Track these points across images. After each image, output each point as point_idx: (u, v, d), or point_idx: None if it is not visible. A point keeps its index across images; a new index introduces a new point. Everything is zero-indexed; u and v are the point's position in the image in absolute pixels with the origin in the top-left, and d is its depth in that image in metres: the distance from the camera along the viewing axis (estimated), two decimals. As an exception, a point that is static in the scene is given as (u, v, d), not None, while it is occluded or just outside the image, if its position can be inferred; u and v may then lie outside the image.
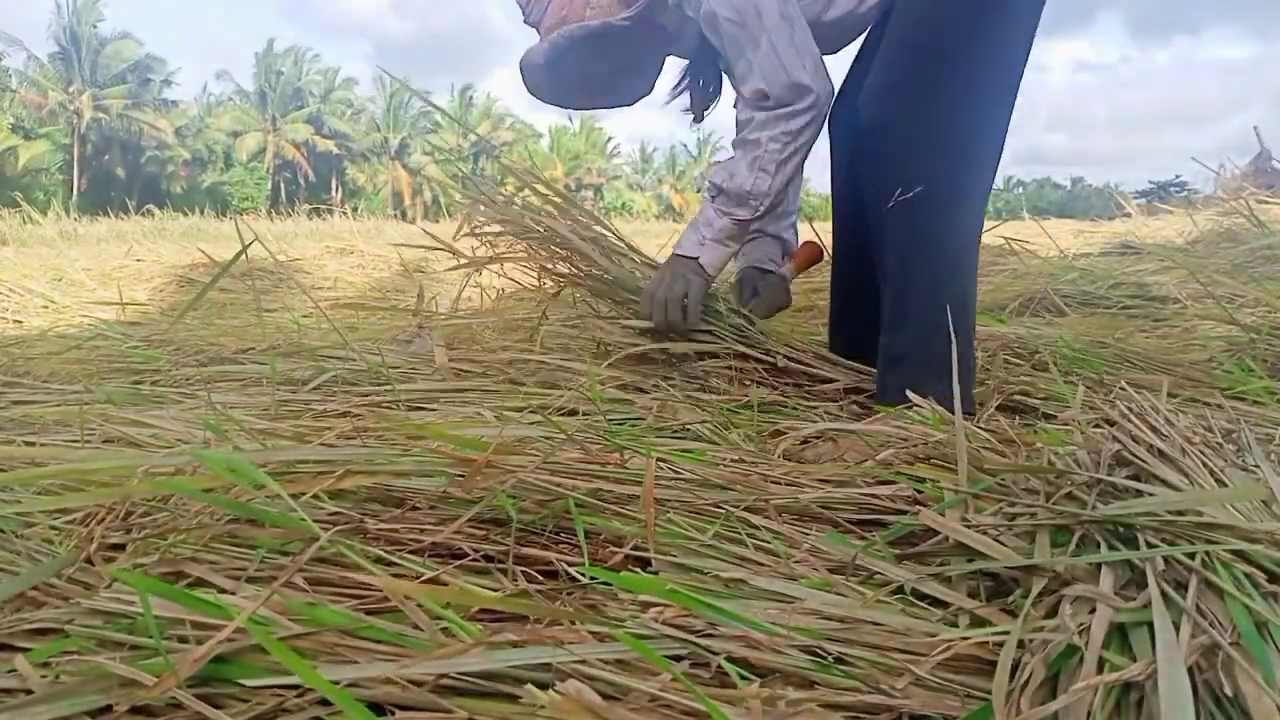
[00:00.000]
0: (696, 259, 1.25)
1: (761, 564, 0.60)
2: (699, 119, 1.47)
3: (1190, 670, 0.41)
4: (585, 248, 1.35)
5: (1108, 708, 0.41)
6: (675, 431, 1.02)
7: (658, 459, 0.77)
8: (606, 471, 0.73)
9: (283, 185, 37.43)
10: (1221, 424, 0.70)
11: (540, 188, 1.45)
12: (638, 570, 0.61)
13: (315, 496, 0.65)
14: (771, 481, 0.76)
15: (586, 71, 1.30)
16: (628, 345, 1.31)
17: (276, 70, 37.71)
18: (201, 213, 13.56)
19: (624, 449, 0.77)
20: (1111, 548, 0.51)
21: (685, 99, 1.46)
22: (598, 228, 1.40)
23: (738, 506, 0.69)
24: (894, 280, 1.12)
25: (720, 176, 1.24)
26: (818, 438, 0.94)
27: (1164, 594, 0.45)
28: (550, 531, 0.68)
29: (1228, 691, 0.41)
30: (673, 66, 1.47)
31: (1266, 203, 3.16)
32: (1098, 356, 1.27)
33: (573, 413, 1.04)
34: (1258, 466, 0.61)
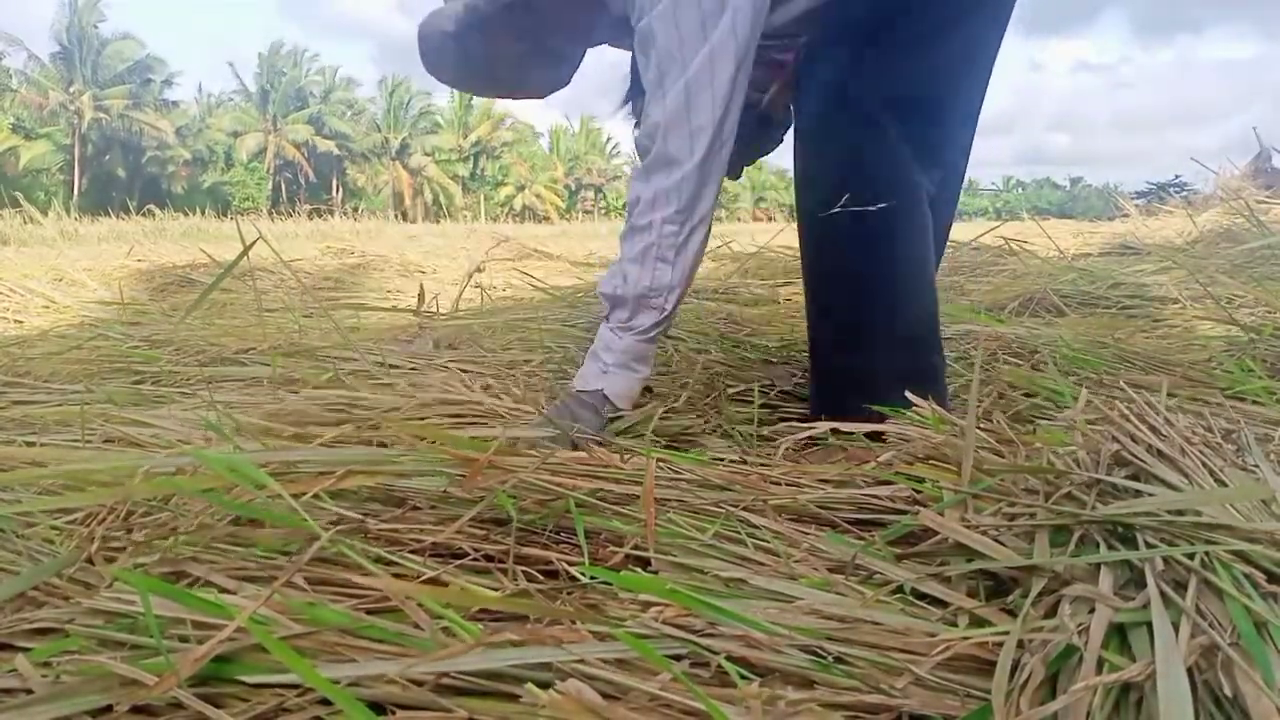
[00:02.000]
0: (600, 390, 1.03)
1: (761, 564, 0.60)
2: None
3: (1190, 670, 0.41)
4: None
5: (1107, 708, 0.41)
6: (674, 435, 1.02)
7: (657, 459, 0.77)
8: (607, 472, 0.73)
9: (283, 185, 37.45)
10: (1221, 424, 0.70)
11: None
12: (638, 570, 0.62)
13: (316, 496, 0.65)
14: (771, 482, 0.76)
15: (497, 50, 1.09)
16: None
17: (278, 70, 37.72)
18: (202, 213, 13.58)
19: (624, 450, 0.77)
20: (1111, 548, 0.51)
21: (632, 107, 1.24)
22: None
23: (736, 506, 0.69)
24: (843, 307, 1.03)
25: (610, 285, 1.03)
26: (818, 440, 0.94)
27: (1163, 594, 0.45)
28: (550, 531, 0.68)
29: (1227, 692, 0.41)
30: (607, 65, 1.26)
31: (1266, 203, 3.16)
32: (1098, 356, 1.27)
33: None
34: (1257, 466, 0.61)
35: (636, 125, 1.19)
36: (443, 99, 43.48)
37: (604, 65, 1.27)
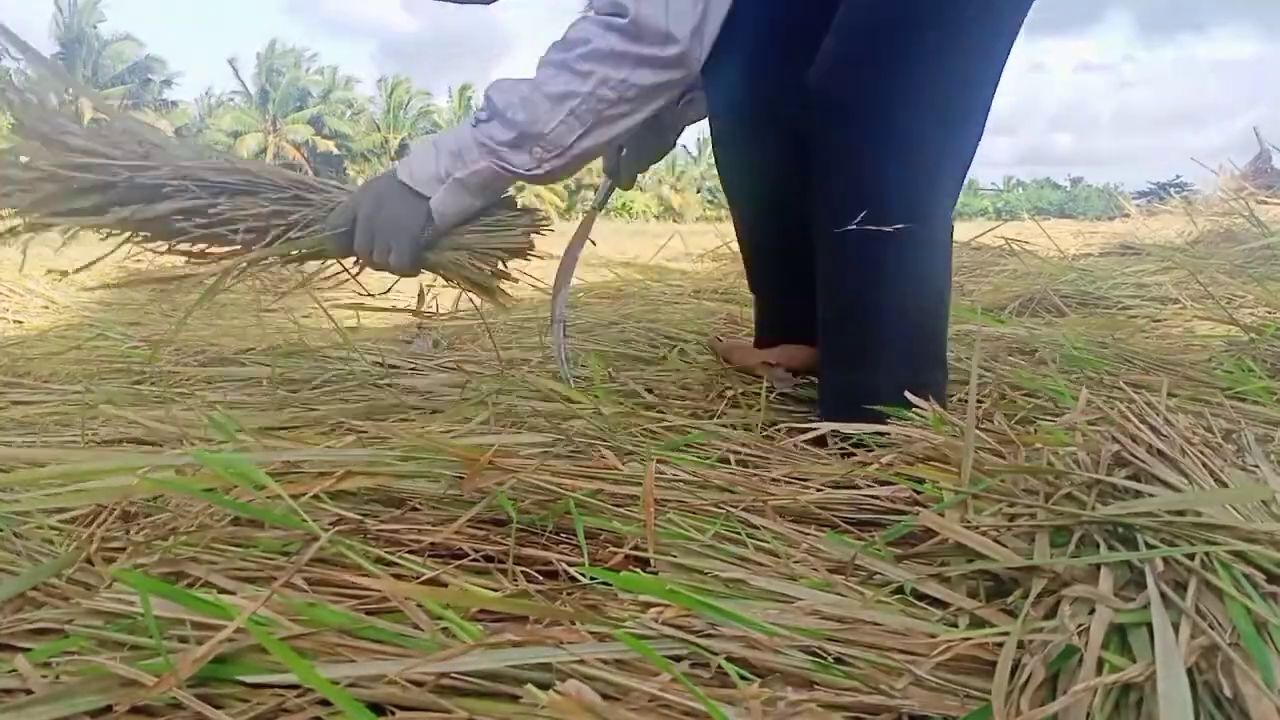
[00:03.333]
0: (427, 200, 0.88)
1: (761, 564, 0.60)
2: None
3: (1190, 671, 0.41)
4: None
5: (1107, 708, 0.41)
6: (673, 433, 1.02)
7: (656, 460, 0.77)
8: (606, 474, 0.73)
9: (283, 185, 37.36)
10: (1221, 424, 0.70)
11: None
12: (638, 571, 0.61)
13: (316, 497, 0.65)
14: (770, 480, 0.76)
15: None
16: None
17: (276, 70, 37.71)
18: (202, 213, 13.52)
19: (624, 451, 0.77)
20: (1111, 549, 0.51)
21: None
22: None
23: (736, 507, 0.69)
24: (851, 311, 0.90)
25: (505, 97, 0.86)
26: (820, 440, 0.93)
27: (1163, 595, 0.45)
28: (550, 532, 0.68)
29: (1227, 692, 0.41)
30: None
31: (1266, 203, 3.16)
32: (1098, 356, 1.27)
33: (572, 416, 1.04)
34: (1257, 467, 0.61)
35: None
36: (443, 99, 43.49)
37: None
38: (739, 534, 0.65)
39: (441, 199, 0.88)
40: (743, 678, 0.46)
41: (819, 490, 0.74)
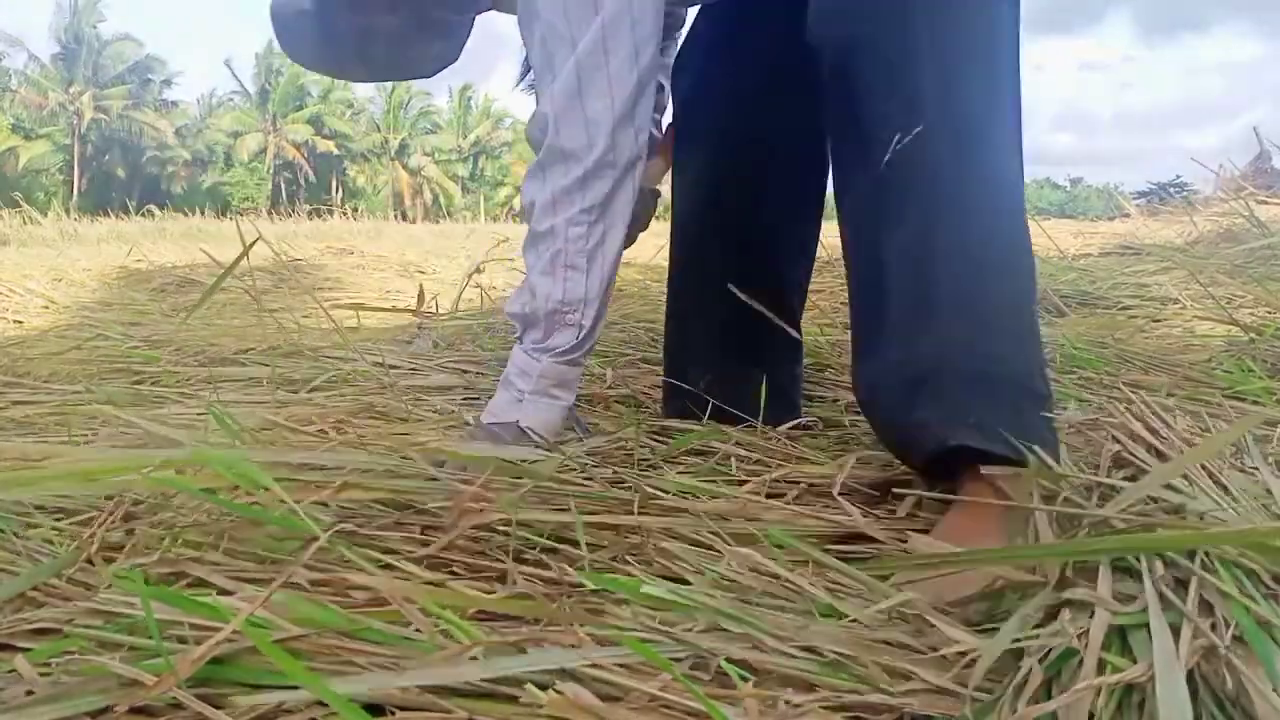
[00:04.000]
0: (515, 422, 0.87)
1: (763, 575, 0.60)
2: None
3: (1192, 672, 0.41)
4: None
5: (1110, 709, 0.41)
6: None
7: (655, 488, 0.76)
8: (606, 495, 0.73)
9: (283, 185, 37.46)
10: (1220, 425, 0.70)
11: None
12: (636, 574, 0.61)
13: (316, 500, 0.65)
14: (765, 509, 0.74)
15: (369, 24, 0.90)
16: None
17: (275, 70, 37.72)
18: (202, 213, 13.57)
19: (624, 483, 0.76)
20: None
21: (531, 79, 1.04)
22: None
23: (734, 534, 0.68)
24: (902, 265, 0.73)
25: (518, 304, 0.89)
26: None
27: (1163, 596, 0.45)
28: (549, 536, 0.68)
29: (1230, 691, 0.41)
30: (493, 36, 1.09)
31: (1266, 203, 3.16)
32: (1098, 356, 1.27)
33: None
34: (1256, 468, 0.61)
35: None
36: (442, 99, 43.52)
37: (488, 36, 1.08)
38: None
39: (528, 415, 0.88)
40: (743, 678, 0.46)
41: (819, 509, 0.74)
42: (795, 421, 0.99)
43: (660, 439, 0.98)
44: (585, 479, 0.75)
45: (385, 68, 0.99)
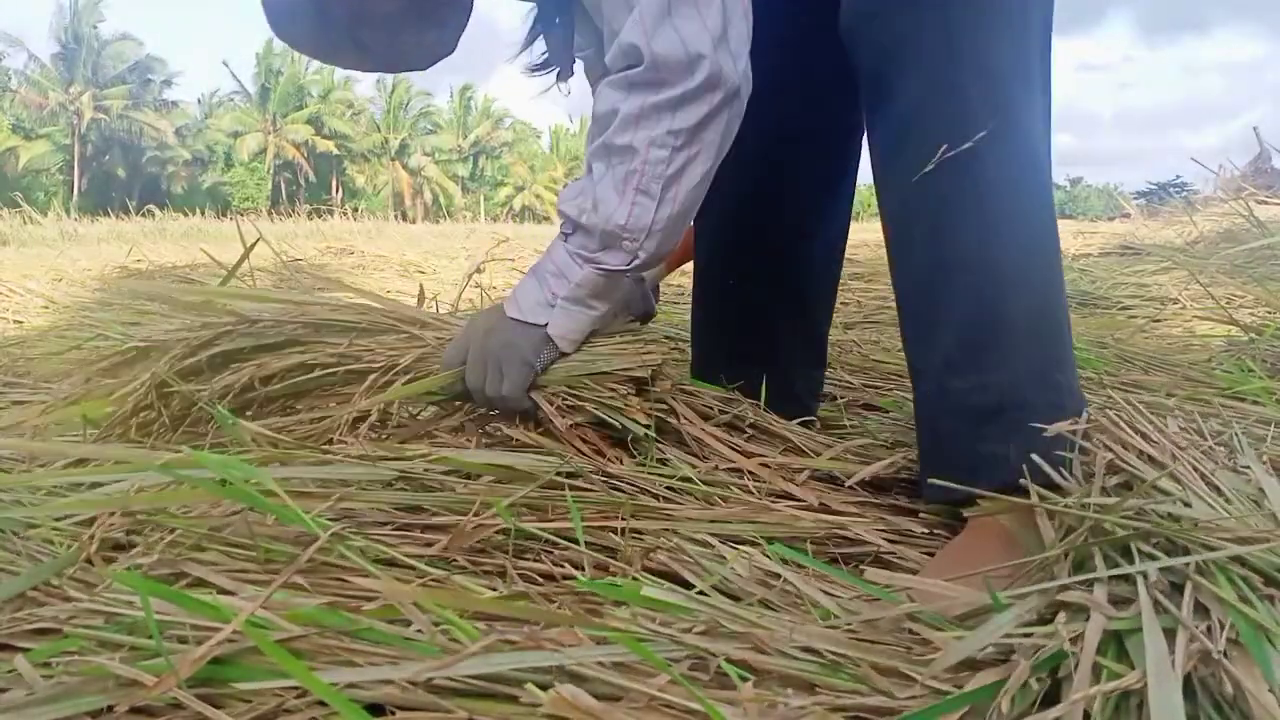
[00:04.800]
0: (543, 326, 0.82)
1: (761, 582, 0.60)
2: (566, 75, 0.99)
3: (1189, 675, 0.41)
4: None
5: (1107, 712, 0.41)
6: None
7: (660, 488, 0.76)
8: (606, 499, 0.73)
9: (283, 185, 37.48)
10: (1214, 426, 0.70)
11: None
12: (637, 577, 0.61)
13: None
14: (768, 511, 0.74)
15: (363, 10, 0.85)
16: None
17: (275, 70, 37.74)
18: (202, 213, 13.58)
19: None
20: (1105, 555, 0.51)
21: (537, 56, 1.01)
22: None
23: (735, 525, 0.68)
24: (962, 284, 0.71)
25: (574, 205, 0.81)
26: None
27: (1158, 602, 0.45)
28: (549, 539, 0.68)
29: (1228, 692, 0.41)
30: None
31: (1266, 203, 3.16)
32: (1098, 356, 1.27)
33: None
34: (1249, 468, 0.61)
35: (542, 70, 1.00)
36: (442, 99, 43.52)
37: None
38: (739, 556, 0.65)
39: (558, 322, 0.82)
40: (742, 678, 0.46)
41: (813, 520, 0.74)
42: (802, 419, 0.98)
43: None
44: (587, 484, 0.75)
45: (380, 56, 0.92)
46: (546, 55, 1.00)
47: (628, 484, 0.76)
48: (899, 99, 0.74)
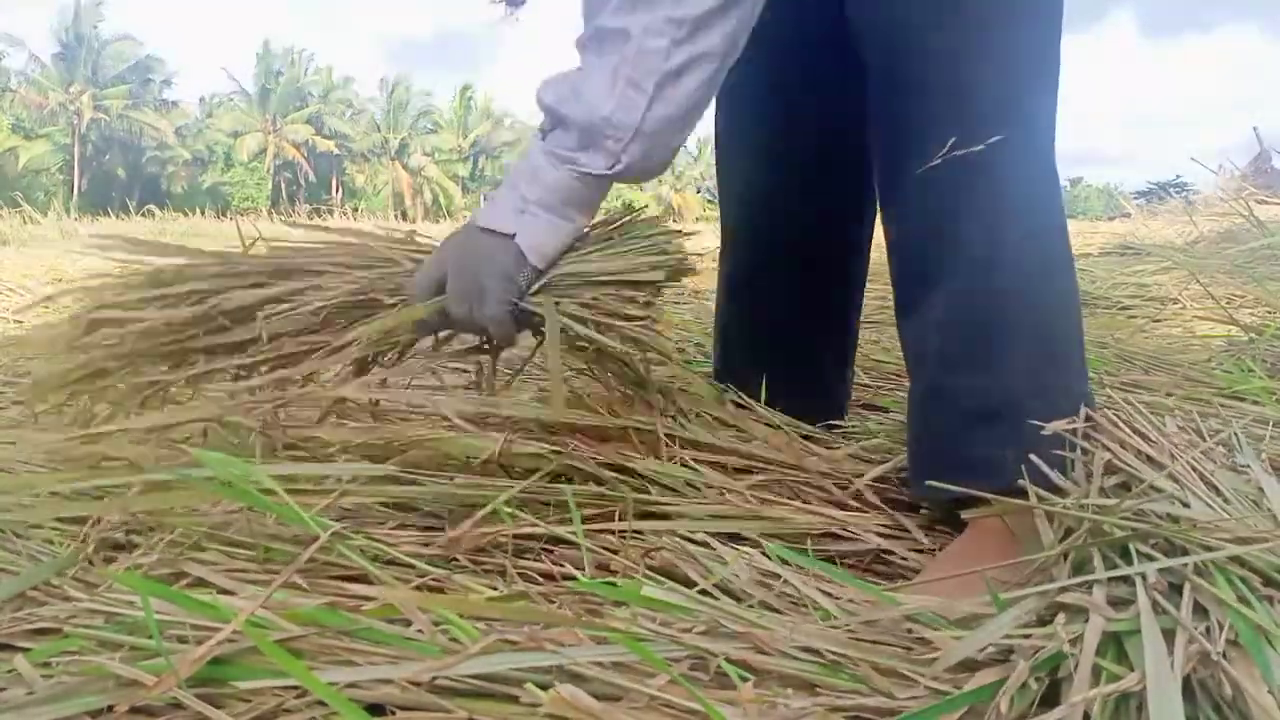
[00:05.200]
0: (511, 236, 0.73)
1: (761, 582, 0.60)
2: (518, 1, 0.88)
3: (1188, 677, 0.41)
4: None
5: (1107, 713, 0.41)
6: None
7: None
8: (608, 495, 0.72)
9: (283, 185, 37.47)
10: (1212, 425, 0.70)
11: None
12: (637, 577, 0.61)
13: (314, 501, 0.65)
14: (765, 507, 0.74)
15: None
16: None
17: (273, 71, 37.75)
18: (202, 213, 13.58)
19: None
20: (1104, 556, 0.51)
21: None
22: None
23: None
24: (965, 288, 0.70)
25: (553, 94, 0.72)
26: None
27: (1157, 603, 0.45)
28: (549, 539, 0.68)
29: (1227, 694, 0.41)
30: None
31: (1266, 203, 3.16)
32: (1098, 356, 1.27)
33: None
34: (1248, 467, 0.61)
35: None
36: (442, 99, 43.54)
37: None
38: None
39: (529, 231, 0.72)
40: (742, 678, 0.46)
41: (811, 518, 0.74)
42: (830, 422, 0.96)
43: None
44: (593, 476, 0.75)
45: None
46: None
47: (631, 478, 0.75)
48: (906, 92, 0.72)
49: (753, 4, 0.70)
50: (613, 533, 0.68)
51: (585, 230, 0.77)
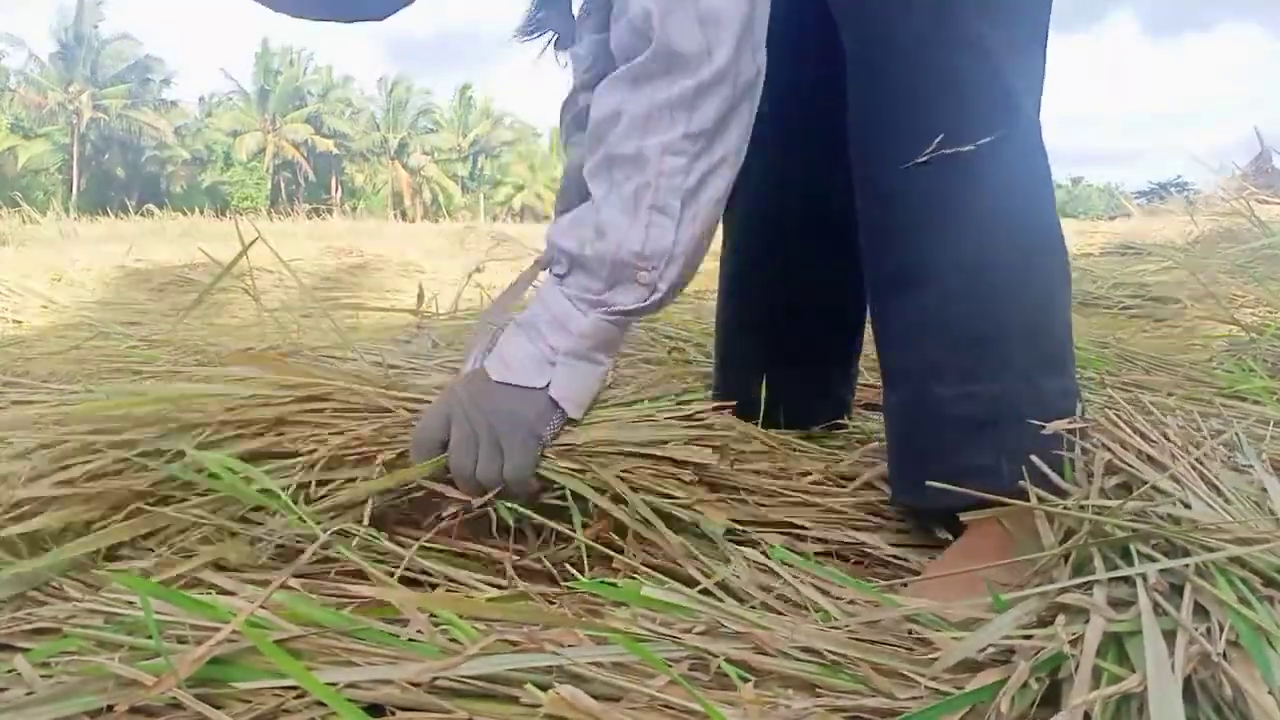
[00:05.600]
0: (544, 388, 0.67)
1: (762, 583, 0.60)
2: (565, 44, 0.89)
3: (1189, 678, 0.41)
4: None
5: (1108, 714, 0.41)
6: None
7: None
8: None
9: (282, 185, 37.47)
10: (1214, 425, 0.70)
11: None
12: (637, 577, 0.61)
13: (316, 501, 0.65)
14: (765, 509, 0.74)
15: None
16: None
17: (272, 70, 37.74)
18: (201, 213, 13.58)
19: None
20: (1104, 557, 0.51)
21: (531, 19, 0.90)
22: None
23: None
24: (955, 290, 0.67)
25: (572, 239, 0.69)
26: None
27: (1157, 604, 0.45)
28: (549, 538, 0.68)
29: (1228, 697, 0.41)
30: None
31: (1267, 203, 3.16)
32: (1099, 356, 1.27)
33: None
34: (1250, 467, 0.61)
35: (536, 32, 0.88)
36: (442, 99, 43.53)
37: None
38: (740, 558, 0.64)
39: (562, 382, 0.67)
40: (742, 679, 0.46)
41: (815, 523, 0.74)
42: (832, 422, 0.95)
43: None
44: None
45: (345, 6, 0.79)
46: (542, 14, 0.88)
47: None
48: (886, 83, 0.69)
49: (755, 94, 0.68)
50: (615, 531, 0.68)
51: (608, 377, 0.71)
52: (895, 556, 0.71)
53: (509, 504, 0.65)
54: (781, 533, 0.71)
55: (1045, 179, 0.72)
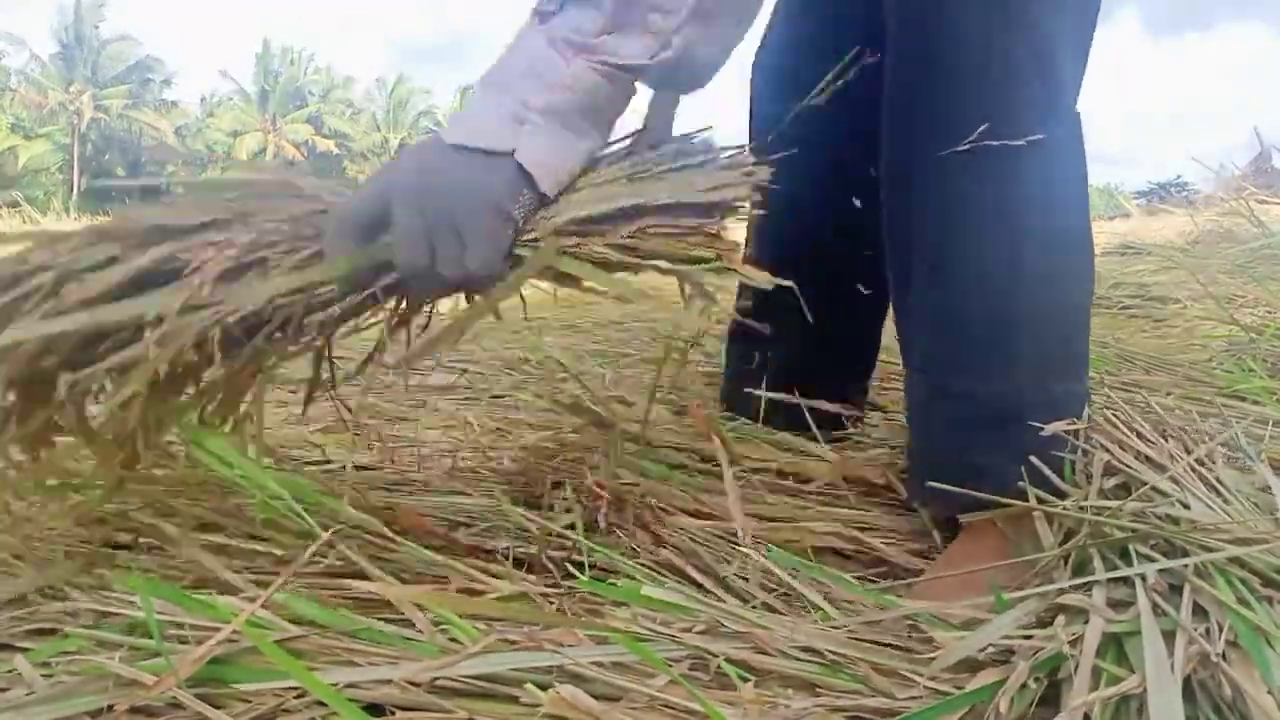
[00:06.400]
0: (510, 153, 0.51)
1: (764, 585, 0.60)
2: None
3: (1188, 678, 0.41)
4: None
5: (1107, 715, 0.41)
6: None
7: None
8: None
9: (283, 185, 37.42)
10: (1213, 425, 0.70)
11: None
12: (637, 577, 0.61)
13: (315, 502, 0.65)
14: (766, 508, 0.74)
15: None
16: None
17: (273, 71, 37.76)
18: (202, 212, 13.53)
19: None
20: (1104, 557, 0.51)
21: None
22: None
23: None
24: (979, 290, 0.65)
25: None
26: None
27: (1156, 605, 0.45)
28: (550, 536, 0.68)
29: (1227, 697, 0.41)
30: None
31: (1267, 203, 3.16)
32: (1099, 356, 1.27)
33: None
34: (1249, 467, 0.61)
35: None
36: (442, 99, 43.52)
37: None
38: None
39: (532, 146, 0.51)
40: (742, 679, 0.46)
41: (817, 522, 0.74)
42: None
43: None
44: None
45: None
46: None
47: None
48: (931, 65, 0.64)
49: None
50: (619, 530, 0.68)
51: (599, 154, 0.55)
52: (896, 557, 0.71)
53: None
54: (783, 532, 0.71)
55: (1082, 180, 0.68)
